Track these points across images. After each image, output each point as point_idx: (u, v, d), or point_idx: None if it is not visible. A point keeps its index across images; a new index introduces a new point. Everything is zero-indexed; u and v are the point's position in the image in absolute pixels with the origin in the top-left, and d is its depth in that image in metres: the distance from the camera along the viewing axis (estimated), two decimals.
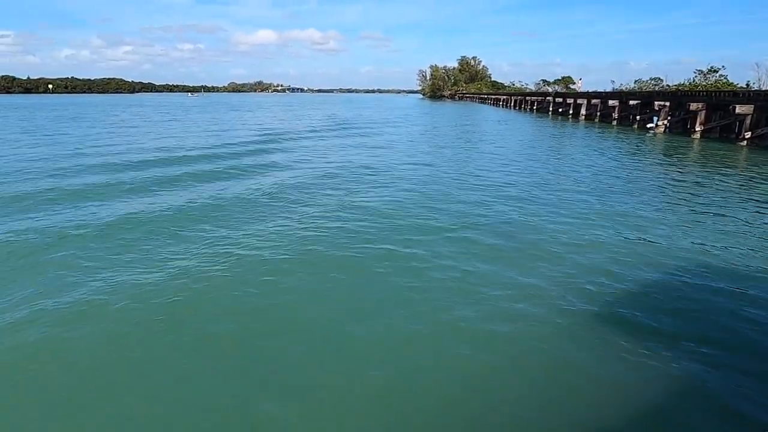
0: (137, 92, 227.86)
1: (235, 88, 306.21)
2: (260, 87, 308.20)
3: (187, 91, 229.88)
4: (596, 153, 20.22)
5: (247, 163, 15.20)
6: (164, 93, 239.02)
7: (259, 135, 25.16)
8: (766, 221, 9.09)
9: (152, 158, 16.07)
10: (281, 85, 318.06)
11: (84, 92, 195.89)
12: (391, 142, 23.09)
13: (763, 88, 31.16)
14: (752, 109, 23.66)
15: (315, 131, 28.85)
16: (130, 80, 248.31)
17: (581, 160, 17.65)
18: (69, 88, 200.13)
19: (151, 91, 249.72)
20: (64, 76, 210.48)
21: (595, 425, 3.26)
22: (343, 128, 31.90)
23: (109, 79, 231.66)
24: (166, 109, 57.83)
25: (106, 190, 10.94)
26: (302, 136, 25.64)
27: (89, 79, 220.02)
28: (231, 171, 13.71)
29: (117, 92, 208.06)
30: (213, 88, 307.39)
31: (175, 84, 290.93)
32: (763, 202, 10.79)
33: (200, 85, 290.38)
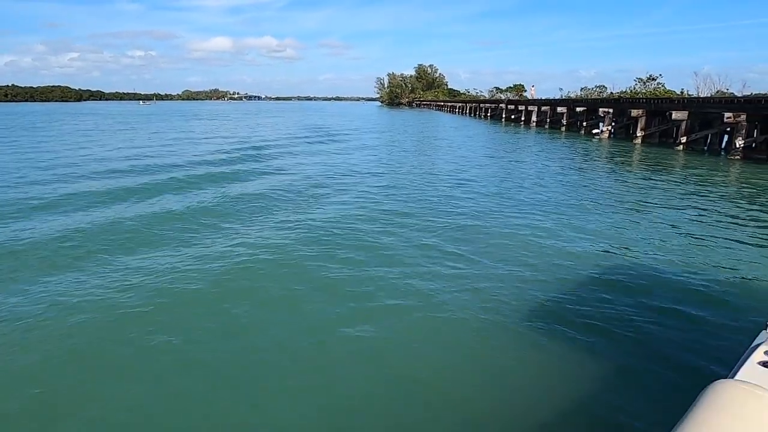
0: (84, 100, 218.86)
1: (190, 96, 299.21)
2: (216, 95, 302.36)
3: (139, 99, 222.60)
4: (545, 159, 21.08)
5: (195, 174, 15.03)
6: (114, 101, 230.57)
7: (216, 144, 24.80)
8: (692, 219, 9.82)
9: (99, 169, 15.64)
10: (237, 93, 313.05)
11: (26, 101, 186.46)
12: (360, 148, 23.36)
13: (701, 95, 33.18)
14: (687, 115, 25.29)
15: (282, 142, 28.66)
16: (76, 88, 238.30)
17: (532, 165, 18.39)
18: (9, 96, 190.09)
19: (99, 99, 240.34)
20: (3, 84, 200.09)
21: (527, 423, 3.52)
22: (321, 138, 31.82)
23: (53, 86, 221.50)
24: (112, 119, 55.81)
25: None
26: (270, 145, 25.46)
27: (32, 87, 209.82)
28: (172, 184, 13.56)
29: (62, 100, 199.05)
30: (167, 95, 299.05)
31: (125, 92, 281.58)
32: (692, 202, 11.65)
33: (153, 92, 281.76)
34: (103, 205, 10.36)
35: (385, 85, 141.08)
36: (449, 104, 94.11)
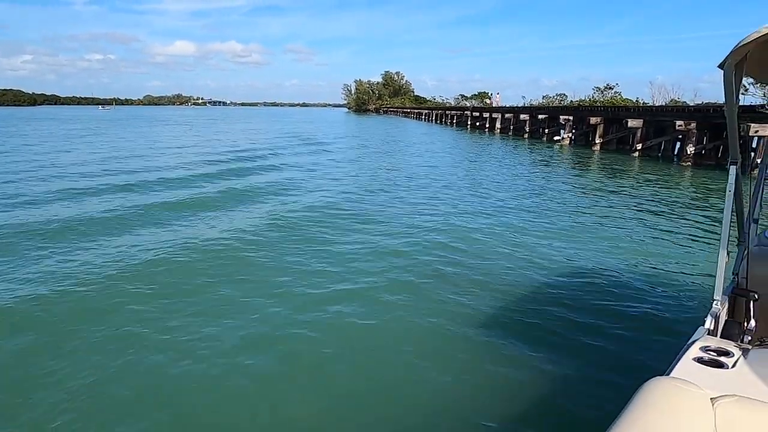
0: (39, 105, 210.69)
1: (152, 101, 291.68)
2: (179, 100, 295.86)
3: (98, 104, 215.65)
4: (510, 165, 21.53)
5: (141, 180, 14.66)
6: (71, 106, 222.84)
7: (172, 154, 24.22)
8: (642, 223, 10.20)
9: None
10: (202, 98, 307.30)
11: None
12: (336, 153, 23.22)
13: (656, 104, 34.58)
14: (642, 123, 26.31)
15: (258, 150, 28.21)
16: (30, 92, 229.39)
17: (497, 171, 18.74)
18: None
19: (55, 104, 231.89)
20: None
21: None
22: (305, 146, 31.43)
23: (4, 90, 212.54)
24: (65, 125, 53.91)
25: None
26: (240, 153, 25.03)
27: None
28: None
29: (15, 105, 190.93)
30: (127, 100, 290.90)
31: (83, 96, 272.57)
32: (644, 207, 12.10)
33: (113, 97, 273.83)
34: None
35: (352, 92, 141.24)
36: (416, 111, 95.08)
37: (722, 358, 1.82)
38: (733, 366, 1.78)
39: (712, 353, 1.86)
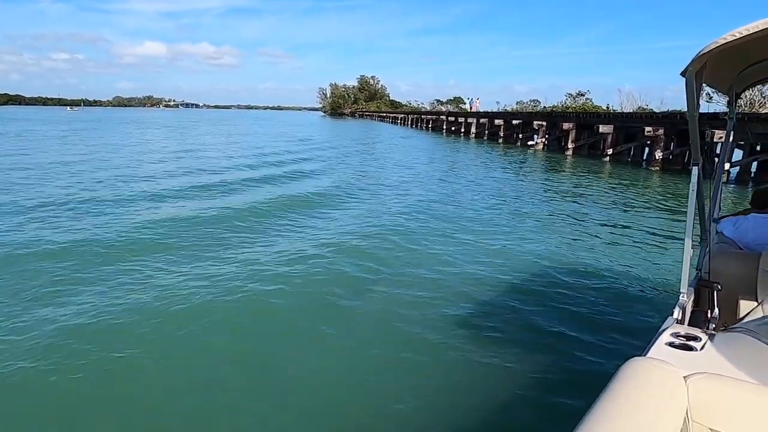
0: (3, 105, 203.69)
1: (122, 103, 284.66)
2: (150, 102, 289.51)
3: (65, 105, 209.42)
4: (486, 169, 21.88)
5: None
6: (37, 106, 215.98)
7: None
8: (613, 224, 10.56)
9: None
10: (174, 100, 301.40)
11: None
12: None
13: (625, 111, 35.52)
14: (612, 128, 27.08)
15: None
16: None
17: (473, 175, 19.03)
18: None
19: (19, 104, 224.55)
20: None
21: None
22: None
23: None
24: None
25: None
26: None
27: None
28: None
29: None
30: (96, 101, 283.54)
31: (50, 97, 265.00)
32: (614, 208, 12.51)
33: (81, 98, 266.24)
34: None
35: (328, 96, 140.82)
36: (392, 115, 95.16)
37: (691, 342, 1.98)
38: (701, 349, 1.94)
39: (681, 338, 2.02)
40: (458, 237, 8.80)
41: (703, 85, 2.69)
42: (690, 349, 1.93)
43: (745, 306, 2.92)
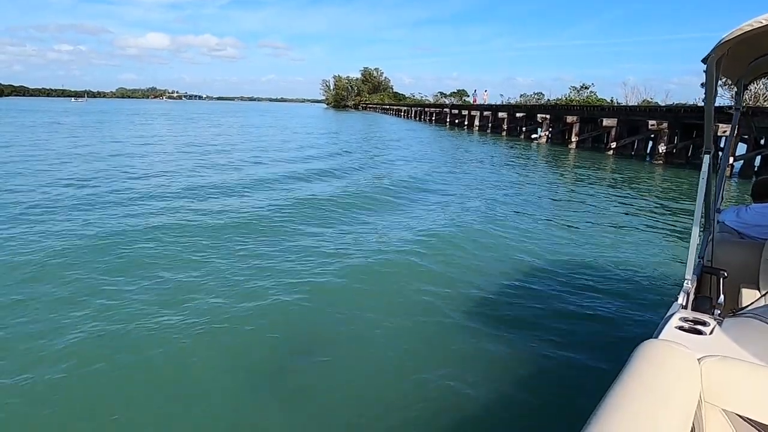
0: (6, 96, 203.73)
1: (125, 94, 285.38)
2: (153, 93, 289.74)
3: (69, 96, 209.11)
4: (491, 162, 21.88)
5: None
6: (41, 98, 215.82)
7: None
8: (617, 216, 10.62)
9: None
10: (177, 92, 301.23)
11: None
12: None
13: (630, 104, 35.35)
14: (616, 122, 27.00)
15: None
16: None
17: (480, 167, 19.05)
18: None
19: (23, 95, 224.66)
20: None
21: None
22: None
23: None
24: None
25: None
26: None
27: None
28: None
29: None
30: (99, 93, 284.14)
31: (53, 88, 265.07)
32: (618, 201, 12.56)
33: (84, 89, 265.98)
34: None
35: (331, 88, 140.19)
36: (395, 108, 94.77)
37: (700, 327, 2.01)
38: (711, 333, 1.97)
39: (690, 323, 2.05)
40: (459, 233, 8.87)
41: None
42: (699, 333, 1.96)
43: (747, 293, 2.96)
